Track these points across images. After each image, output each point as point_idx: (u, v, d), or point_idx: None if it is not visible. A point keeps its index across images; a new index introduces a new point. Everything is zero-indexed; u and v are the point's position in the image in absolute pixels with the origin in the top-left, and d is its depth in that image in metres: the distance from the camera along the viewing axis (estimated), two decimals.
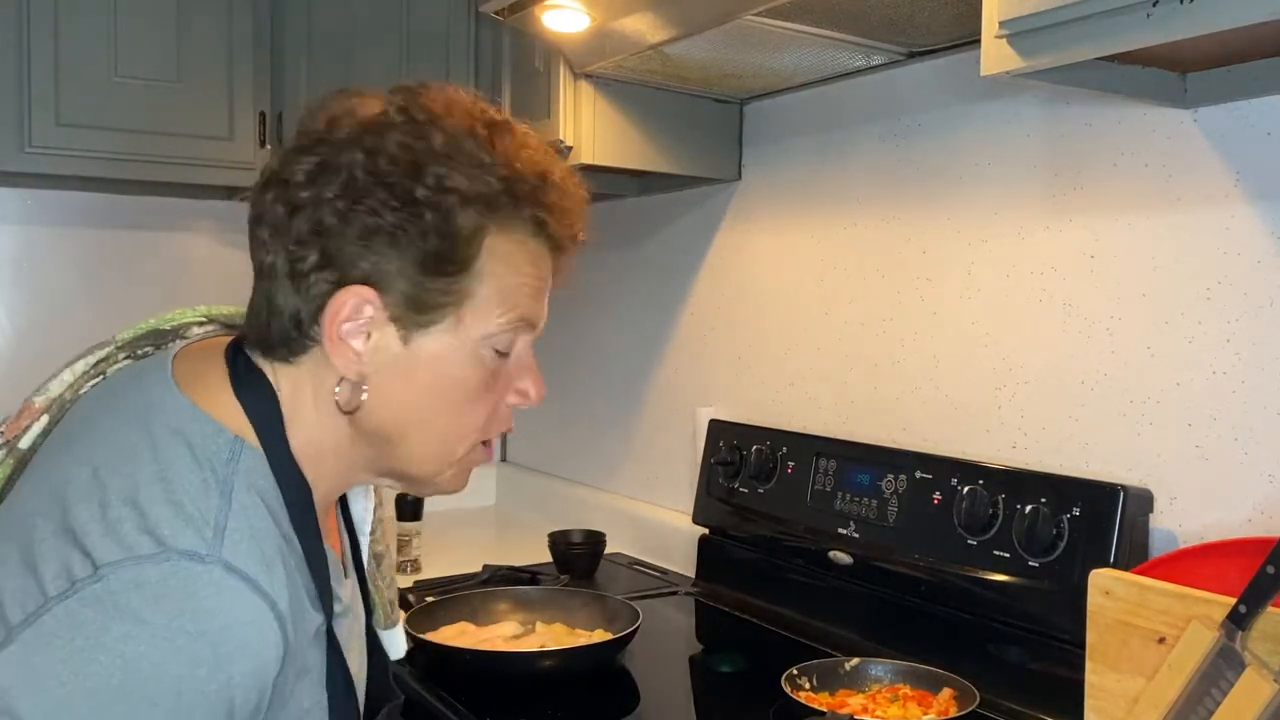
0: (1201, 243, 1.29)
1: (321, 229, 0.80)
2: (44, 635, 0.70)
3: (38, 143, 1.96)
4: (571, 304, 2.57)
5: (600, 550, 2.05)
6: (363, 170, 0.81)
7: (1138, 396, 1.35)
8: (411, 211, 0.80)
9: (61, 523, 0.76)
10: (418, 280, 0.82)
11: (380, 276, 0.81)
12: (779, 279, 1.92)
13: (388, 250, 0.81)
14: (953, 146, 1.60)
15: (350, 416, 0.85)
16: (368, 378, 0.84)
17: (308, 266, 0.81)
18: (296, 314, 0.83)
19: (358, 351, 0.83)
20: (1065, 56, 1.06)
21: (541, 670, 1.48)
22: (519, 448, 2.83)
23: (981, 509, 1.41)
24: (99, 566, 0.72)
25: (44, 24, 1.96)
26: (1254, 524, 1.23)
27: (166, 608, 0.72)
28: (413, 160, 0.81)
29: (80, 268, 2.31)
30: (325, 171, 0.81)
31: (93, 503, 0.76)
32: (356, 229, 0.80)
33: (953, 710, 1.30)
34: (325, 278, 0.81)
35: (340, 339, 0.82)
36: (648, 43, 1.59)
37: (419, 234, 0.81)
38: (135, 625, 0.71)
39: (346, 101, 0.86)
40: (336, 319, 0.82)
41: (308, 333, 0.83)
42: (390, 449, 0.87)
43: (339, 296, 0.81)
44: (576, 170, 0.93)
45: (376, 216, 0.80)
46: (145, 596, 0.72)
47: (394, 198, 0.80)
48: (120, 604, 0.71)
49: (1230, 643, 0.98)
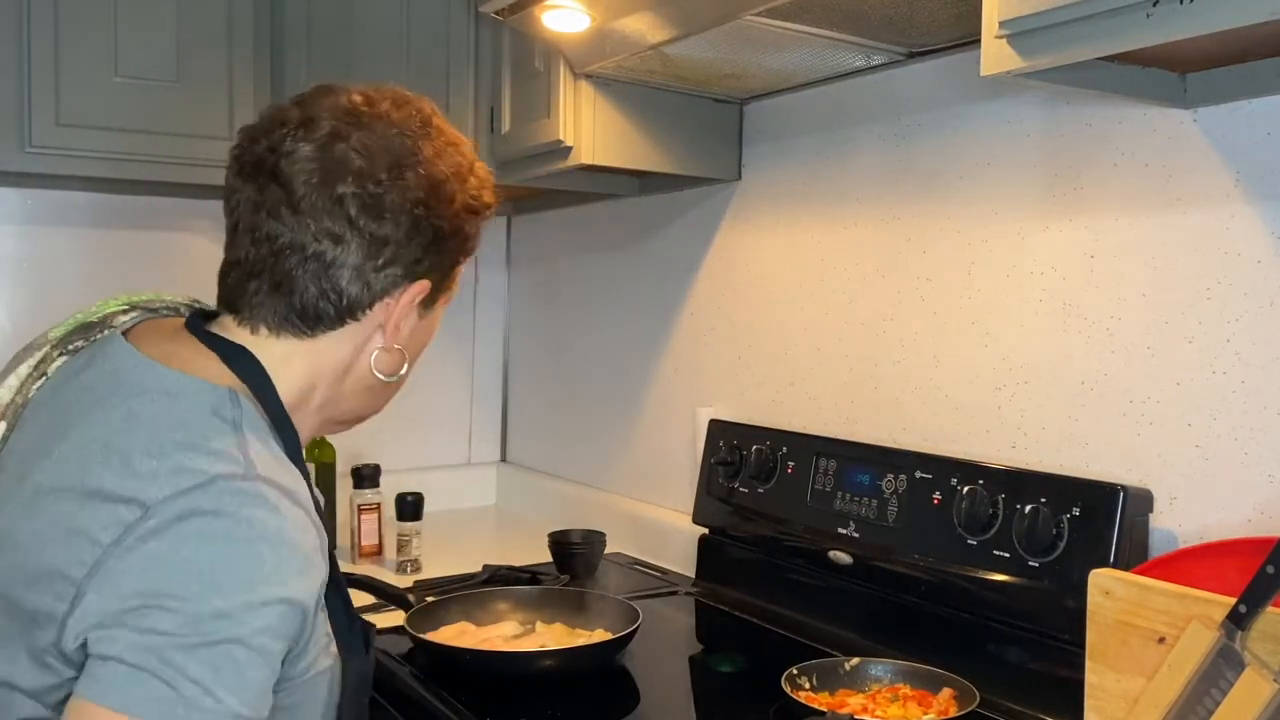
0: (1201, 243, 1.29)
1: (400, 234, 0.97)
2: (112, 574, 0.80)
3: (38, 143, 1.96)
4: (572, 304, 2.58)
5: (600, 550, 2.05)
6: (426, 184, 0.98)
7: (1137, 396, 1.35)
8: (453, 225, 1.00)
9: (85, 493, 0.84)
10: (443, 277, 1.03)
11: (428, 273, 1.00)
12: (779, 279, 1.92)
13: (436, 256, 1.00)
14: (953, 146, 1.60)
15: (369, 376, 1.01)
16: (405, 348, 1.02)
17: (382, 262, 0.96)
18: (354, 298, 0.97)
19: (403, 329, 1.01)
20: (1065, 56, 1.06)
21: (541, 670, 1.48)
22: (519, 448, 2.84)
23: (981, 509, 1.41)
24: (149, 506, 0.81)
25: (44, 24, 1.96)
26: (1254, 524, 1.23)
27: (225, 521, 0.82)
28: (448, 178, 1.00)
29: (80, 268, 2.31)
30: (403, 181, 0.97)
31: (112, 466, 0.84)
32: (425, 237, 0.98)
33: (952, 710, 1.30)
34: (394, 273, 0.98)
35: (399, 322, 1.00)
36: (648, 43, 1.59)
37: (455, 243, 1.02)
38: (200, 542, 0.81)
39: (359, 107, 0.99)
40: (399, 306, 0.99)
41: (353, 314, 0.98)
42: (381, 394, 1.06)
43: (410, 289, 0.99)
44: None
45: (435, 224, 0.98)
46: (204, 517, 0.82)
47: (440, 215, 0.99)
48: (182, 529, 0.81)
49: (1230, 642, 0.98)
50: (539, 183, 2.12)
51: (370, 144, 0.96)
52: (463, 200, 1.01)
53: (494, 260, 2.85)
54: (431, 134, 1.01)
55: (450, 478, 2.74)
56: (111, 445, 0.86)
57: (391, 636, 1.62)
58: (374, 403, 1.07)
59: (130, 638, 0.79)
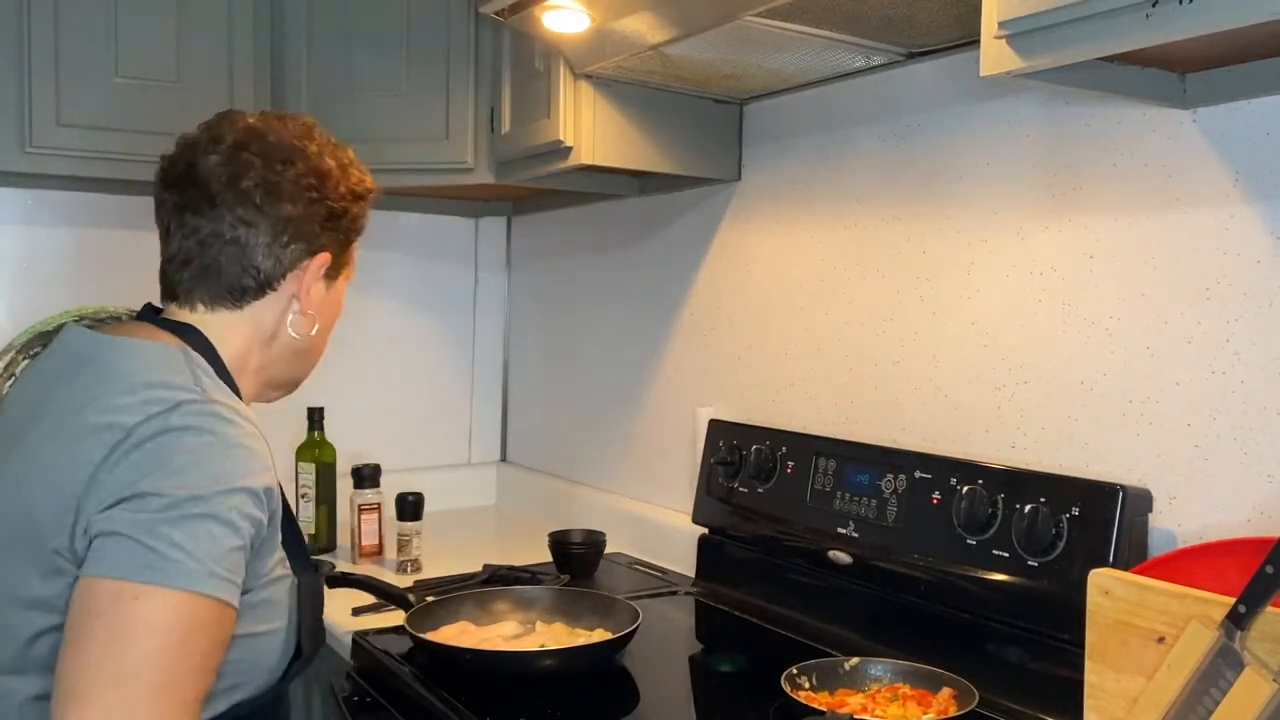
0: (1201, 243, 1.29)
1: (298, 214, 1.18)
2: (104, 483, 0.99)
3: (38, 143, 1.96)
4: (572, 304, 2.58)
5: (600, 550, 2.05)
6: (314, 172, 1.19)
7: (1137, 396, 1.35)
8: (341, 206, 1.22)
9: (76, 435, 1.02)
10: (341, 251, 1.25)
11: (327, 247, 1.21)
12: (779, 279, 1.92)
13: (332, 232, 1.22)
14: (953, 146, 1.60)
15: (293, 339, 1.23)
16: (317, 312, 1.23)
17: (287, 239, 1.18)
18: (269, 271, 1.18)
19: (314, 296, 1.22)
20: (1065, 57, 1.06)
21: (541, 670, 1.48)
22: (519, 448, 2.84)
23: (981, 509, 1.42)
24: (129, 429, 1.00)
25: (44, 24, 1.96)
26: (1253, 524, 1.23)
27: (192, 433, 1.02)
28: (332, 168, 1.21)
29: (80, 268, 2.31)
30: (292, 171, 1.18)
31: (95, 409, 1.03)
32: (320, 215, 1.20)
33: (952, 710, 1.30)
34: (299, 247, 1.19)
35: (309, 288, 1.21)
36: (648, 43, 1.59)
37: (346, 222, 1.24)
38: (175, 449, 1.00)
39: (254, 122, 1.21)
40: (307, 275, 1.20)
41: (271, 285, 1.19)
42: (305, 358, 1.28)
43: (314, 260, 1.20)
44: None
45: (329, 205, 1.20)
46: (175, 432, 1.01)
47: (330, 197, 1.20)
48: (158, 442, 1.00)
49: (1229, 642, 0.98)
50: (539, 183, 2.12)
51: (265, 147, 1.17)
52: (348, 186, 1.23)
53: (494, 260, 2.85)
54: (315, 136, 1.23)
55: (450, 478, 2.74)
56: (89, 396, 1.05)
57: (392, 636, 1.62)
58: (300, 366, 1.30)
59: (124, 516, 0.97)
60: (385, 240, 2.68)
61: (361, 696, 1.58)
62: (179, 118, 2.08)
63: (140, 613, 0.96)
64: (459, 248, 2.80)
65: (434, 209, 2.72)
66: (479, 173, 2.11)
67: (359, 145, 2.10)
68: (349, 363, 2.63)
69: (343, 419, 2.41)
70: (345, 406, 2.49)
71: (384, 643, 1.61)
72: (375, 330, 2.68)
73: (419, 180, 2.17)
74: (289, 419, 2.37)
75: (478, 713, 1.35)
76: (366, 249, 2.65)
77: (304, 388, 2.50)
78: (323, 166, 1.20)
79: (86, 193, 2.31)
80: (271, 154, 1.17)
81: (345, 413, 2.46)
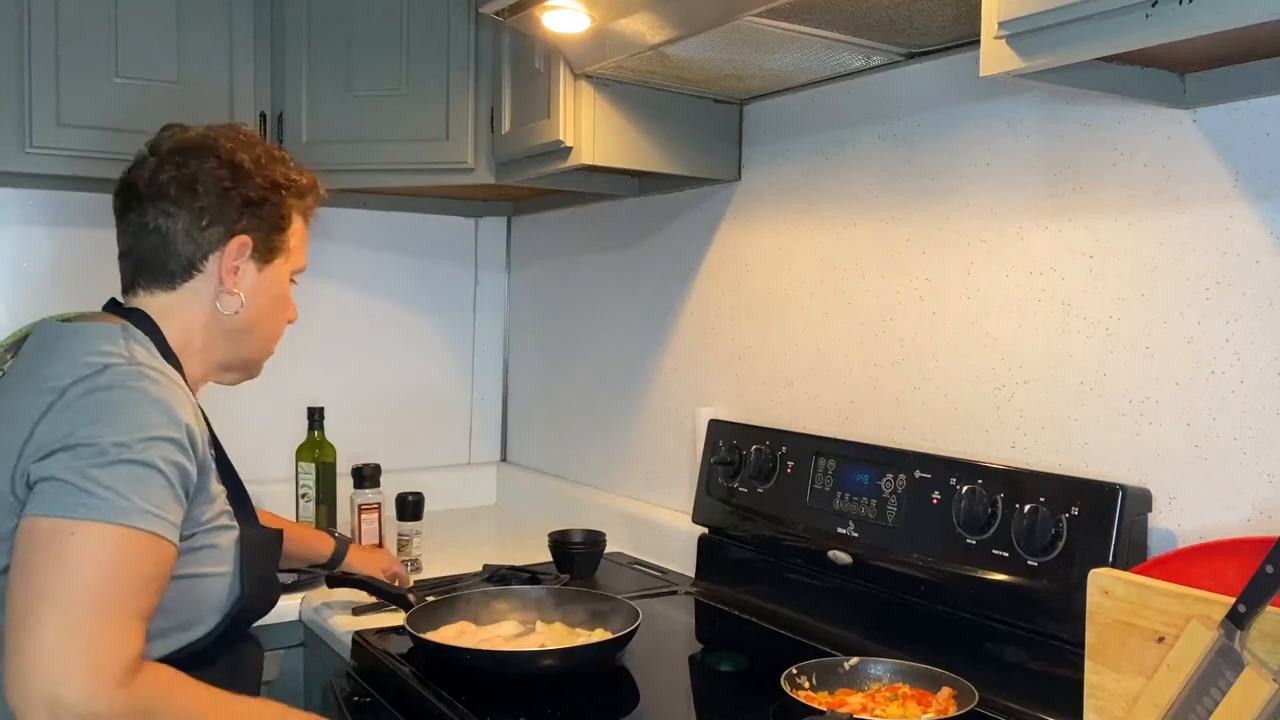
0: (1201, 243, 1.29)
1: (211, 202, 1.30)
2: (41, 435, 1.11)
3: (38, 143, 1.96)
4: (572, 304, 2.58)
5: (600, 550, 2.05)
6: (228, 165, 1.32)
7: (1137, 396, 1.35)
8: (259, 195, 1.33)
9: (22, 399, 1.16)
10: (265, 236, 1.35)
11: (246, 231, 1.33)
12: (779, 279, 1.92)
13: (250, 218, 1.33)
14: (952, 146, 1.60)
15: (228, 318, 1.34)
16: (244, 292, 1.34)
17: (205, 224, 1.30)
18: (190, 254, 1.31)
19: (236, 277, 1.33)
20: (1064, 57, 1.06)
21: (541, 670, 1.48)
22: (519, 448, 2.84)
23: (980, 508, 1.42)
24: (63, 389, 1.14)
25: (44, 24, 1.96)
26: (1253, 523, 1.23)
27: (118, 389, 1.15)
28: (244, 161, 1.33)
29: (80, 268, 2.31)
30: (205, 167, 1.31)
31: (40, 377, 1.17)
32: (235, 203, 1.31)
33: (952, 709, 1.30)
34: (217, 230, 1.31)
35: (231, 267, 1.32)
36: (648, 43, 1.59)
37: (269, 210, 1.35)
38: (101, 403, 1.13)
39: (186, 130, 1.37)
40: (227, 255, 1.32)
41: (195, 266, 1.31)
42: (245, 338, 1.38)
43: (233, 242, 1.32)
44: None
45: (243, 194, 1.32)
46: (103, 390, 1.14)
47: (246, 187, 1.32)
48: (87, 398, 1.13)
49: (1229, 642, 0.98)
50: (539, 183, 2.12)
51: (183, 148, 1.32)
52: (265, 177, 1.34)
53: (494, 260, 2.85)
54: (239, 136, 1.36)
55: (450, 478, 2.75)
56: (38, 371, 1.19)
57: (392, 636, 1.62)
58: (244, 348, 1.39)
59: (58, 462, 1.09)
60: (385, 240, 2.68)
61: (361, 696, 1.58)
62: (179, 118, 2.08)
63: (77, 546, 1.06)
64: (459, 248, 2.80)
65: (434, 209, 2.72)
66: (479, 173, 2.11)
67: (359, 145, 2.15)
68: (349, 363, 2.64)
69: (343, 419, 2.41)
70: (345, 406, 2.49)
71: (384, 643, 1.61)
72: (375, 330, 2.68)
73: (419, 180, 2.17)
74: (289, 419, 2.38)
75: (478, 713, 1.35)
76: (366, 249, 2.67)
77: (304, 388, 2.50)
78: (235, 159, 1.33)
79: (86, 193, 2.31)
80: (187, 153, 1.32)
81: (345, 413, 2.47)
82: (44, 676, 1.01)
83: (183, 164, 1.31)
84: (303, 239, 1.43)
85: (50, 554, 1.06)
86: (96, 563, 1.06)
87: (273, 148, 1.40)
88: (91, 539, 1.07)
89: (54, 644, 1.02)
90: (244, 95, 2.14)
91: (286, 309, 1.43)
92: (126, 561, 1.08)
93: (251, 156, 1.34)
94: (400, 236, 2.70)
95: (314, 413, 2.24)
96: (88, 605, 1.05)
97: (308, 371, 2.48)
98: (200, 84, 2.10)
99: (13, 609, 1.05)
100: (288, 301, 1.42)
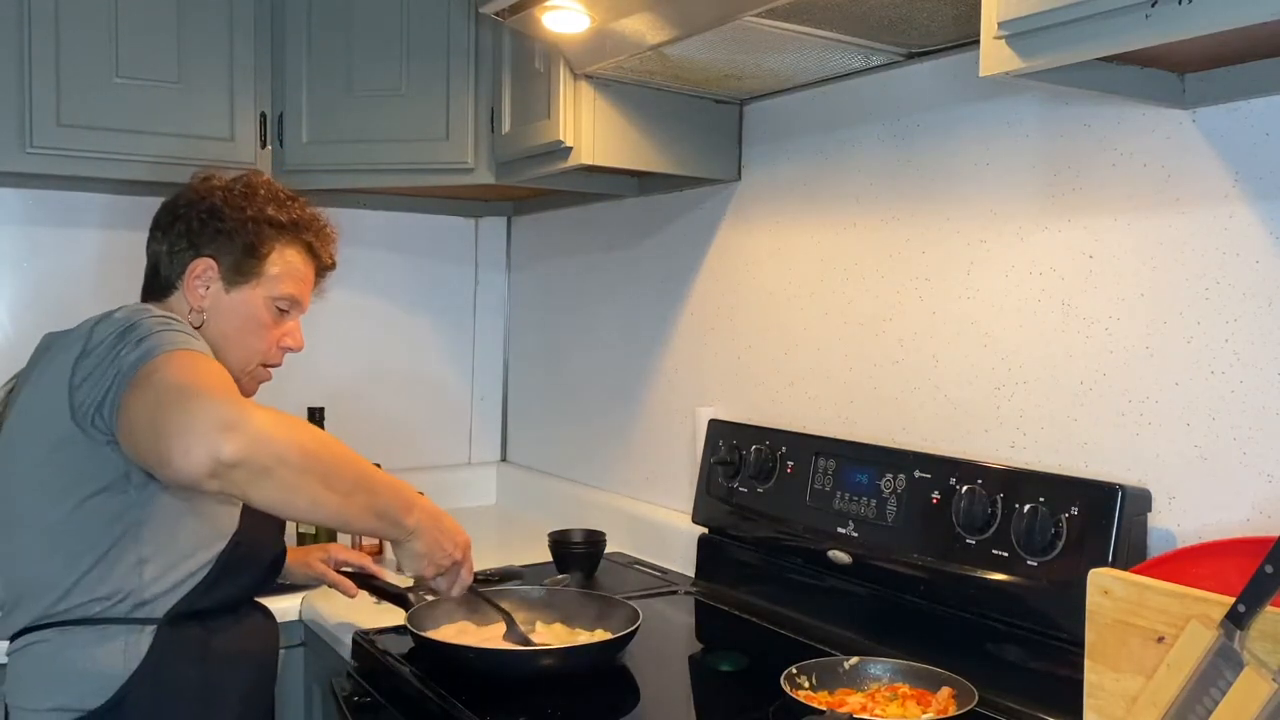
0: (1200, 243, 1.29)
1: (187, 229, 1.49)
2: (80, 369, 1.27)
3: (38, 143, 1.96)
4: (572, 304, 2.58)
5: (600, 550, 2.05)
6: (207, 205, 1.52)
7: (1136, 396, 1.35)
8: (237, 227, 1.50)
9: (50, 368, 1.32)
10: (235, 263, 1.50)
11: (216, 255, 1.49)
12: (779, 279, 1.92)
13: (217, 246, 1.49)
14: (952, 146, 1.60)
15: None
16: (206, 310, 1.49)
17: (180, 248, 1.49)
18: (169, 272, 1.50)
19: (201, 294, 1.49)
20: (1064, 57, 1.06)
21: (541, 670, 1.48)
22: (519, 448, 2.84)
23: (980, 508, 1.42)
24: (85, 337, 1.29)
25: (45, 24, 1.96)
26: (1252, 523, 1.23)
27: (140, 313, 1.31)
28: (225, 202, 1.52)
29: (80, 268, 2.31)
30: (191, 205, 1.53)
31: (65, 345, 1.32)
32: (209, 232, 1.49)
33: (951, 709, 1.30)
34: (188, 255, 1.49)
35: (194, 284, 1.48)
36: (648, 43, 1.59)
37: (241, 241, 1.50)
38: (122, 325, 1.29)
39: (208, 177, 1.57)
40: (191, 275, 1.48)
41: (173, 283, 1.50)
42: (218, 355, 1.39)
43: (196, 264, 1.48)
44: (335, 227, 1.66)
45: (217, 225, 1.50)
46: (122, 323, 1.29)
47: (223, 219, 1.50)
48: (106, 327, 1.29)
49: (1229, 642, 0.98)
50: (539, 183, 2.12)
51: (189, 189, 1.54)
52: (246, 214, 1.50)
53: (494, 260, 2.85)
54: (243, 180, 1.55)
55: (450, 478, 2.75)
56: (59, 351, 1.32)
57: (392, 636, 1.62)
58: (220, 358, 1.48)
59: (107, 361, 1.25)
60: (385, 240, 2.68)
61: (361, 696, 1.58)
62: (179, 118, 2.11)
63: (158, 373, 1.20)
64: (459, 248, 2.80)
65: (434, 209, 2.72)
66: (479, 173, 2.11)
67: (359, 145, 2.15)
68: (349, 363, 2.64)
69: (343, 419, 2.41)
70: (345, 406, 2.49)
71: (384, 642, 1.61)
72: (375, 330, 2.68)
73: (419, 180, 2.17)
74: None
75: (478, 712, 1.35)
76: (366, 249, 2.67)
77: (304, 388, 2.50)
78: (222, 196, 1.52)
79: (86, 193, 2.31)
80: (187, 194, 1.54)
81: (345, 413, 2.47)
82: (193, 422, 1.14)
83: (179, 202, 1.53)
84: (291, 271, 1.54)
85: (138, 390, 1.20)
86: (174, 367, 1.21)
87: (280, 190, 1.58)
88: (167, 363, 1.22)
89: (190, 398, 1.17)
90: (244, 95, 2.14)
91: (262, 331, 1.53)
92: (196, 361, 1.24)
93: (240, 192, 1.54)
94: (400, 236, 2.70)
95: (314, 413, 2.24)
96: (194, 380, 1.20)
97: (308, 371, 2.48)
98: (200, 84, 2.10)
99: (140, 429, 1.20)
100: (263, 325, 1.52)
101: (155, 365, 1.22)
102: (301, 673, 1.90)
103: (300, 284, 1.56)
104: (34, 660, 1.32)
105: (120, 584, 1.31)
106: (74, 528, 1.29)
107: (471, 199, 2.73)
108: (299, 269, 1.55)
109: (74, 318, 1.37)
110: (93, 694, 1.29)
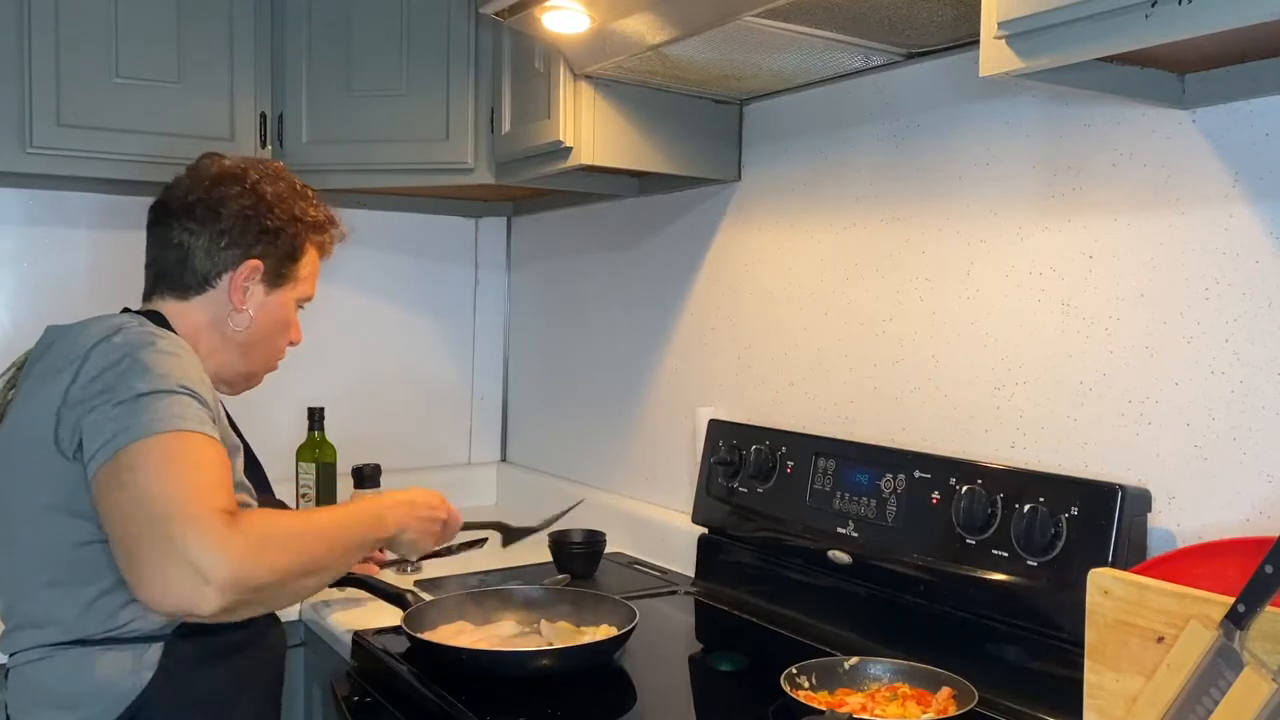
0: (1200, 243, 1.29)
1: (231, 226, 1.44)
2: (75, 396, 1.23)
3: (38, 143, 1.96)
4: (572, 304, 2.58)
5: (600, 550, 2.05)
6: (252, 195, 1.46)
7: (1136, 396, 1.35)
8: (277, 224, 1.47)
9: (48, 379, 1.27)
10: (277, 263, 1.48)
11: (260, 256, 1.46)
12: (779, 279, 1.92)
13: (265, 245, 1.46)
14: (952, 146, 1.60)
15: (233, 333, 1.46)
16: (251, 310, 1.47)
17: (224, 245, 1.44)
18: (206, 271, 1.44)
19: (244, 295, 1.46)
20: (1064, 57, 1.06)
21: (540, 669, 1.48)
22: (519, 448, 2.84)
23: (980, 508, 1.42)
24: (83, 351, 1.25)
25: (45, 24, 1.96)
26: (1252, 523, 1.23)
27: (133, 341, 1.26)
28: (268, 194, 1.47)
29: (80, 268, 2.31)
30: (224, 198, 1.45)
31: (61, 358, 1.27)
32: (254, 230, 1.45)
33: (951, 709, 1.30)
34: (234, 253, 1.44)
35: (241, 287, 1.45)
36: (647, 43, 1.59)
37: (285, 240, 1.48)
38: (119, 351, 1.25)
39: (223, 159, 1.51)
40: (239, 276, 1.45)
41: (209, 282, 1.44)
42: (247, 353, 1.49)
43: (246, 265, 1.45)
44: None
45: (263, 223, 1.45)
46: (120, 345, 1.25)
47: (267, 217, 1.46)
48: (103, 351, 1.25)
49: (1229, 642, 0.98)
50: (539, 183, 2.12)
51: (216, 175, 1.46)
52: (285, 210, 1.47)
53: (494, 260, 2.85)
54: (268, 170, 1.49)
55: (450, 478, 2.74)
56: (57, 355, 1.29)
57: (391, 636, 1.62)
58: (246, 362, 1.51)
59: (99, 410, 1.20)
60: (385, 240, 2.68)
61: (361, 696, 1.58)
62: (179, 118, 2.11)
63: (138, 472, 1.16)
64: (459, 248, 2.80)
65: (434, 209, 2.72)
66: (479, 173, 2.11)
67: (359, 145, 2.15)
68: (349, 363, 2.64)
69: (343, 419, 2.41)
70: (345, 406, 2.49)
71: (384, 642, 1.61)
72: (375, 330, 2.68)
73: (419, 180, 2.17)
74: (289, 419, 2.38)
75: (477, 712, 1.35)
76: (367, 249, 2.67)
77: (304, 388, 2.50)
78: (259, 190, 1.46)
79: (86, 193, 2.31)
80: (218, 180, 1.45)
81: (345, 413, 2.47)
82: (172, 556, 1.12)
83: (212, 189, 1.44)
84: (314, 271, 1.55)
85: (116, 485, 1.17)
86: (155, 465, 1.17)
87: (297, 182, 1.53)
88: (144, 461, 1.17)
89: (162, 533, 1.13)
90: (244, 95, 2.14)
91: (288, 332, 1.54)
92: (183, 452, 1.19)
93: (275, 190, 1.47)
94: (400, 236, 2.70)
95: (314, 413, 2.24)
96: (172, 494, 1.15)
97: (308, 371, 2.48)
98: (200, 84, 2.10)
99: (115, 543, 1.18)
100: (290, 325, 1.54)
101: (136, 456, 1.17)
102: (301, 673, 1.90)
103: (316, 282, 1.57)
104: (41, 679, 1.27)
105: (127, 614, 1.26)
106: (75, 560, 1.25)
107: (471, 199, 2.73)
108: (317, 268, 1.56)
109: (74, 317, 1.36)
110: (105, 711, 1.25)
